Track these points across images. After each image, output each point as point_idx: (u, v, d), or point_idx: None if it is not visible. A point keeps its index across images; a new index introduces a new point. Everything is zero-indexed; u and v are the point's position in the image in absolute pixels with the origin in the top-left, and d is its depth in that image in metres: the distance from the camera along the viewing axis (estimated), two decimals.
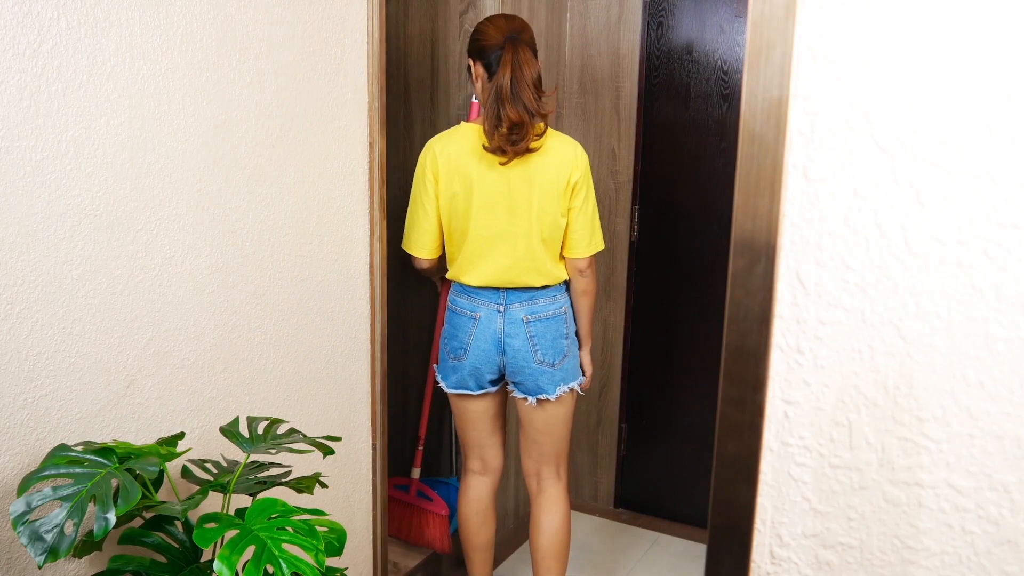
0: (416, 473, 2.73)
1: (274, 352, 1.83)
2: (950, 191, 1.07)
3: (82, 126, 1.38)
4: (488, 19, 2.15)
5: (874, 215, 1.11)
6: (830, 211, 1.13)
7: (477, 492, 2.38)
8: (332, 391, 2.01)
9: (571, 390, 2.25)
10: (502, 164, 2.05)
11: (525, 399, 2.24)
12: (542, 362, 2.19)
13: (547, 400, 2.23)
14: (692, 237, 2.97)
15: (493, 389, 2.27)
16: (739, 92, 1.16)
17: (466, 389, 2.25)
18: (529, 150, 2.04)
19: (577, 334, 2.29)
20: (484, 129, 2.06)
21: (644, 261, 3.05)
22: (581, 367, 2.32)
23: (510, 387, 2.27)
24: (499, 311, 2.17)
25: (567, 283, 2.25)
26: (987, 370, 1.08)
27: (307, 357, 1.92)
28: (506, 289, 2.17)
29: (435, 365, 2.35)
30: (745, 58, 1.13)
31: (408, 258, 3.18)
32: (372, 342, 2.11)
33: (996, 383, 1.08)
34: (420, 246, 2.22)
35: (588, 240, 2.18)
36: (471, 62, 2.14)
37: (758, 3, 1.12)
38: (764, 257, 1.16)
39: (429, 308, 2.89)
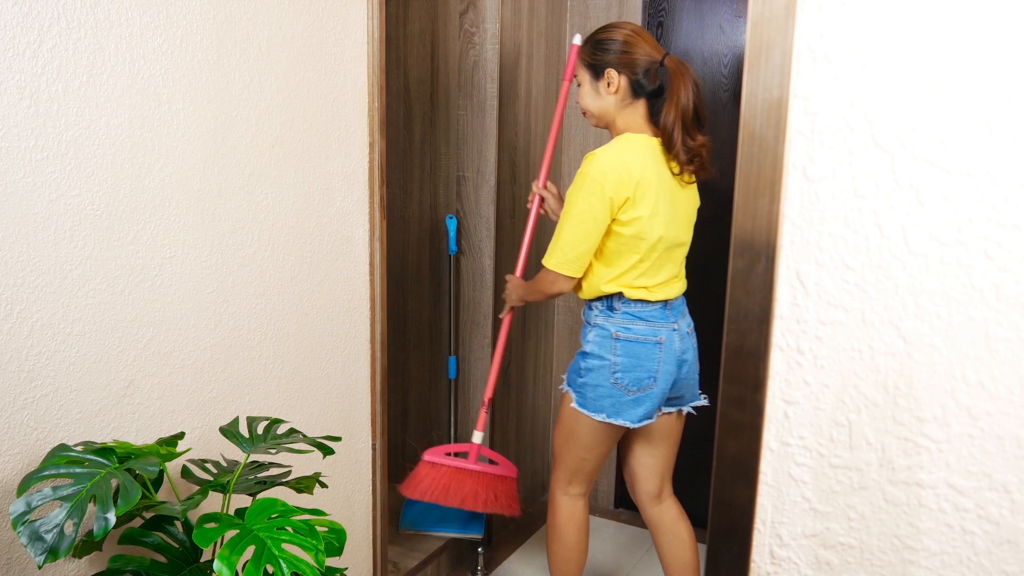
0: (479, 437, 2.53)
1: (274, 352, 1.83)
2: (950, 191, 1.07)
3: (82, 126, 1.38)
4: (636, 31, 2.04)
5: (874, 215, 1.11)
6: (830, 211, 1.13)
7: (583, 515, 2.24)
8: (332, 391, 2.01)
9: None
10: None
11: (680, 411, 2.19)
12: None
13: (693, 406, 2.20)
14: (692, 237, 2.96)
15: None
16: (739, 92, 1.16)
17: (651, 419, 2.08)
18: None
19: None
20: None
21: None
22: None
23: (665, 407, 2.16)
24: (674, 328, 2.08)
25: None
26: (987, 370, 1.08)
27: (307, 357, 1.92)
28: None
29: (577, 405, 2.09)
30: (745, 58, 1.13)
31: (406, 256, 3.17)
32: (372, 342, 2.11)
33: (996, 383, 1.08)
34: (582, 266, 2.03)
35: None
36: (612, 72, 2.00)
37: (758, 3, 1.12)
38: (764, 257, 1.16)
39: (428, 307, 2.89)
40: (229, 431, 1.52)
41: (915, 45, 1.07)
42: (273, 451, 1.48)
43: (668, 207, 2.00)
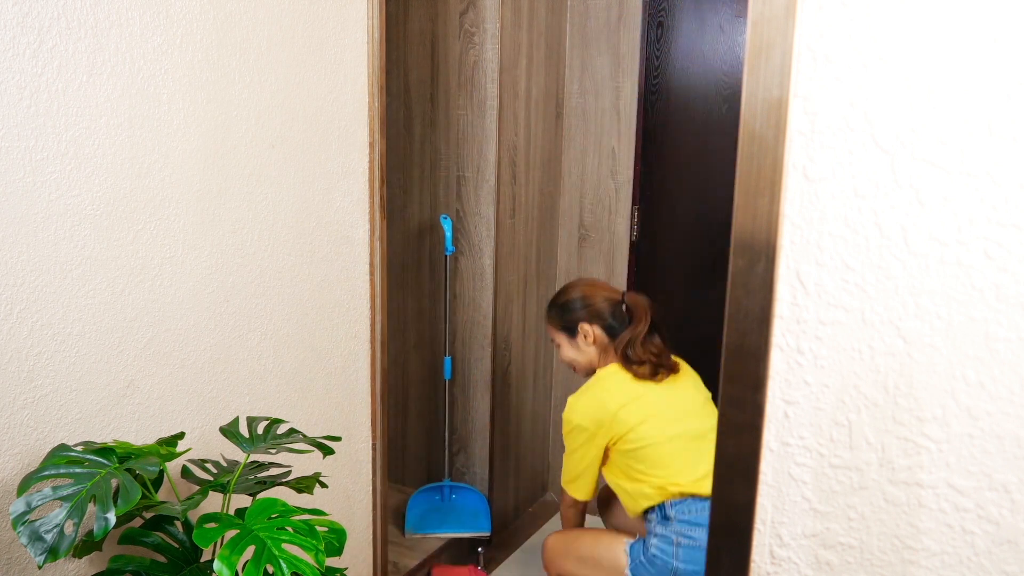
0: None
1: (274, 352, 1.83)
2: (950, 191, 1.07)
3: (82, 126, 1.38)
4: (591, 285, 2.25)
5: (874, 215, 1.11)
6: (830, 211, 1.13)
7: None
8: (332, 391, 2.01)
9: None
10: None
11: None
12: None
13: None
14: (692, 237, 2.96)
15: None
16: (739, 92, 1.16)
17: None
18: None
19: None
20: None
21: (644, 261, 3.05)
22: None
23: None
24: None
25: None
26: (987, 370, 1.08)
27: (307, 357, 1.92)
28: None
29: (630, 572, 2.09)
30: (745, 58, 1.13)
31: (406, 256, 3.20)
32: (372, 342, 2.11)
33: (996, 383, 1.08)
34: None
35: None
36: (584, 325, 2.18)
37: (758, 3, 1.11)
38: (764, 257, 1.16)
39: (428, 307, 2.89)
40: (229, 431, 1.52)
41: (915, 45, 1.06)
42: (273, 451, 1.47)
43: (660, 408, 2.08)
